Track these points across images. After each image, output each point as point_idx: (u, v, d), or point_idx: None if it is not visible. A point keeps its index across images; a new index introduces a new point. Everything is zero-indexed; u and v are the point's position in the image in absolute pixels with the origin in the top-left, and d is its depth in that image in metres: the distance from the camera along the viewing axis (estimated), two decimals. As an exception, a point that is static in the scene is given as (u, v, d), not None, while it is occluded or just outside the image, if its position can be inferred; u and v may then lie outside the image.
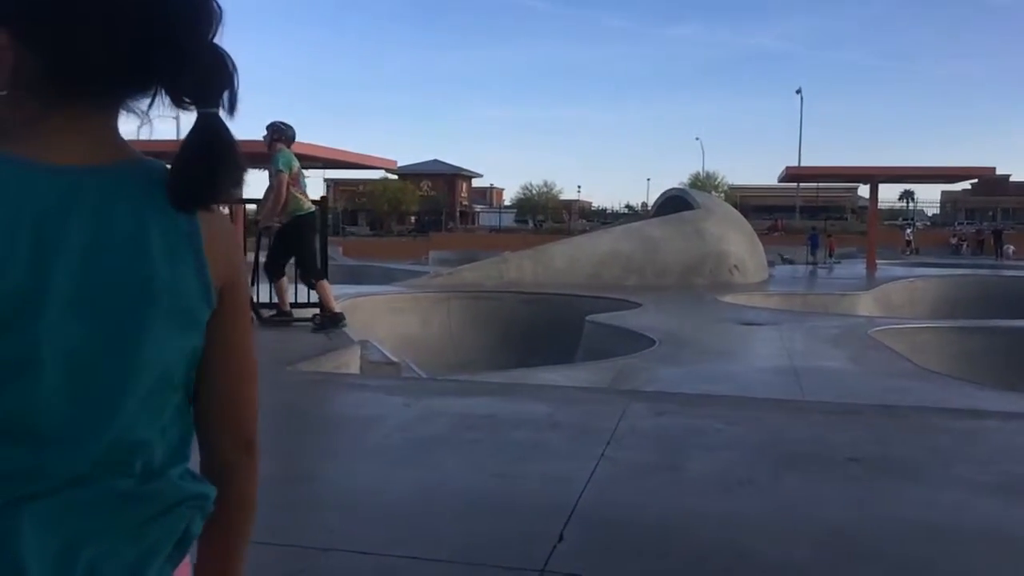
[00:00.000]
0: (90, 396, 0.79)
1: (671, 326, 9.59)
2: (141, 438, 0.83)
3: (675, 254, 16.44)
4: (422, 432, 4.31)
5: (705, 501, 3.33)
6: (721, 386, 6.21)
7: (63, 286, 0.77)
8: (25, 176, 0.78)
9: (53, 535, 0.77)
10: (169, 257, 0.83)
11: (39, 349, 0.77)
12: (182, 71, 0.81)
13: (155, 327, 0.82)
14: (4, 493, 0.76)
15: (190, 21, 0.81)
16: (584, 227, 46.61)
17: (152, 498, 0.84)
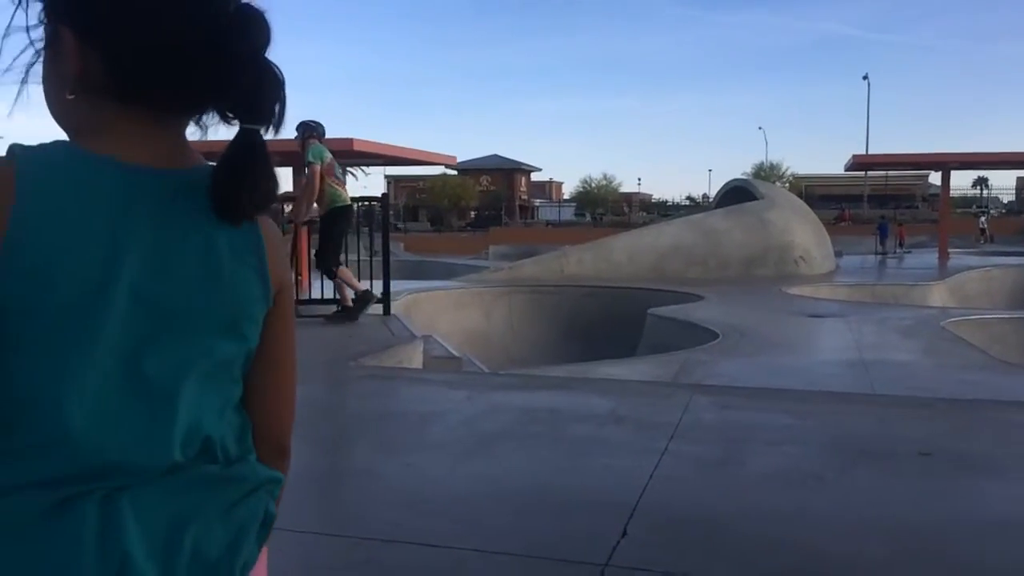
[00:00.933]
0: (155, 390, 0.82)
1: (735, 319, 9.46)
2: (212, 428, 0.87)
3: (738, 246, 16.21)
4: (485, 426, 4.33)
5: (771, 497, 3.28)
6: (787, 380, 6.10)
7: (132, 281, 0.80)
8: (100, 172, 0.81)
9: (157, 520, 0.82)
10: (233, 258, 0.87)
11: (104, 342, 0.80)
12: (233, 87, 0.83)
13: (218, 324, 0.86)
14: (102, 486, 0.80)
15: (245, 36, 0.83)
16: (644, 220, 46.22)
17: (238, 481, 0.89)
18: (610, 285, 13.67)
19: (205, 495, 0.86)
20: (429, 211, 63.35)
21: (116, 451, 0.81)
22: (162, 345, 0.83)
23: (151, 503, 0.82)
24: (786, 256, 16.47)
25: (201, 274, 0.85)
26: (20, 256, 0.77)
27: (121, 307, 0.80)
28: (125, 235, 0.80)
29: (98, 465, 0.80)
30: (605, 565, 2.58)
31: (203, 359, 0.85)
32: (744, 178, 26.37)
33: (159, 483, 0.82)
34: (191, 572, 0.83)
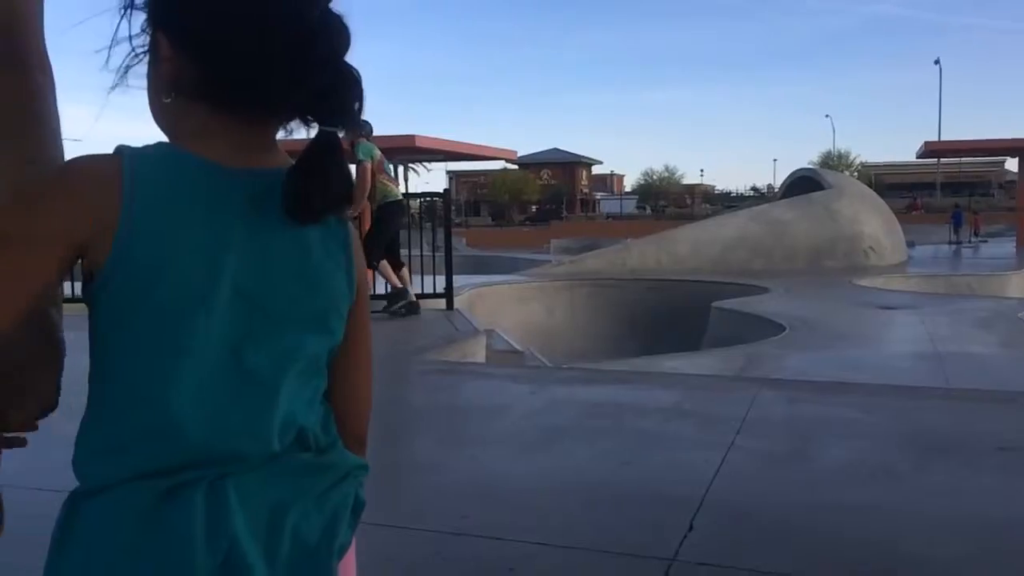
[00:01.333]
0: (256, 382, 0.87)
1: (802, 311, 9.28)
2: (304, 419, 0.91)
3: (805, 237, 15.90)
4: (549, 420, 4.34)
5: (841, 492, 3.22)
6: (857, 373, 5.97)
7: (233, 278, 0.85)
8: (197, 172, 0.85)
9: (259, 506, 0.86)
10: (323, 254, 0.91)
11: (209, 337, 0.84)
12: (313, 89, 0.86)
13: (310, 319, 0.91)
14: (207, 474, 0.84)
15: (327, 40, 0.86)
16: (707, 212, 45.62)
17: (329, 468, 0.93)
18: (673, 278, 13.55)
19: (301, 482, 0.90)
20: (490, 206, 63.61)
21: (221, 441, 0.85)
22: (261, 339, 0.87)
23: (253, 489, 0.86)
24: (855, 247, 16.10)
25: (294, 270, 0.89)
26: (129, 253, 0.82)
27: (224, 303, 0.84)
28: (224, 233, 0.85)
29: (204, 455, 0.84)
30: (672, 560, 2.57)
31: (297, 353, 0.89)
32: (811, 167, 25.83)
33: (259, 471, 0.87)
34: (292, 555, 0.88)
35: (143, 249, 0.82)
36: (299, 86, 0.85)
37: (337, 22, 0.87)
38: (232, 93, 0.86)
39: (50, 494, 1.51)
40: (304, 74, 0.84)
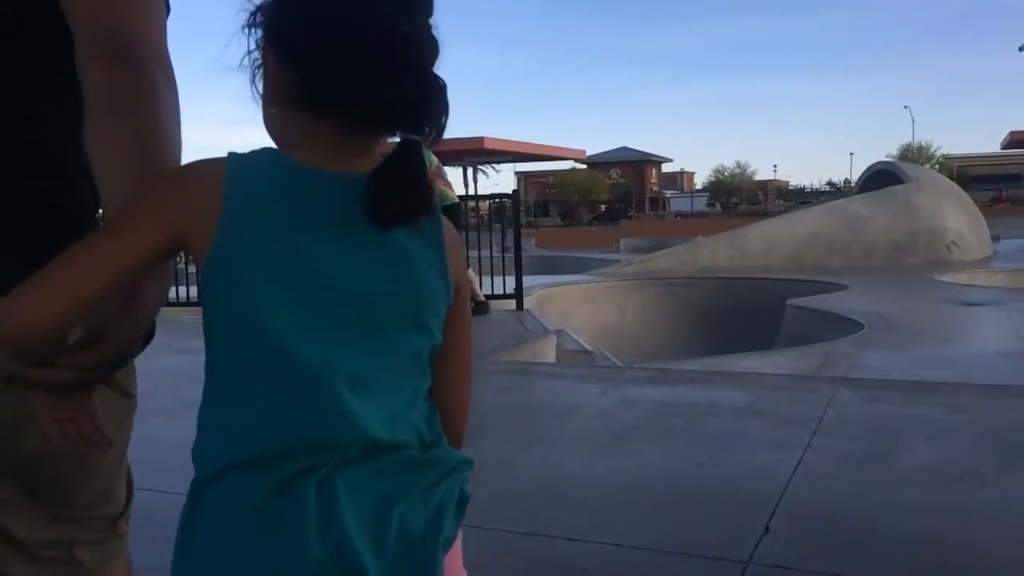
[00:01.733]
0: (352, 377, 0.91)
1: (881, 308, 9.03)
2: (407, 415, 0.96)
3: (884, 232, 15.47)
4: (620, 420, 4.32)
5: (923, 495, 3.12)
6: (940, 372, 5.78)
7: (327, 277, 0.90)
8: (294, 175, 0.91)
9: (367, 499, 0.90)
10: (415, 255, 0.95)
11: (304, 333, 0.89)
12: (401, 99, 0.90)
13: (405, 318, 0.95)
14: (316, 464, 0.89)
15: (419, 51, 0.91)
16: (780, 208, 44.75)
17: (435, 464, 0.97)
18: (746, 276, 13.33)
19: (407, 476, 0.94)
20: (559, 206, 63.55)
21: (313, 429, 0.90)
22: (356, 336, 0.92)
23: (361, 483, 0.90)
24: (937, 241, 15.59)
25: (387, 270, 0.93)
26: (224, 248, 0.88)
27: (314, 299, 0.89)
28: (314, 234, 0.90)
29: (301, 443, 0.89)
30: (747, 563, 2.54)
31: (393, 350, 0.94)
32: (889, 160, 25.12)
33: (366, 465, 0.91)
34: (398, 547, 0.91)
35: (236, 244, 0.88)
36: (387, 93, 0.89)
37: (427, 34, 0.91)
38: (327, 102, 0.91)
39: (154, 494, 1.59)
40: (392, 82, 0.89)
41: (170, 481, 2.61)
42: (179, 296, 9.25)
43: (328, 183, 0.91)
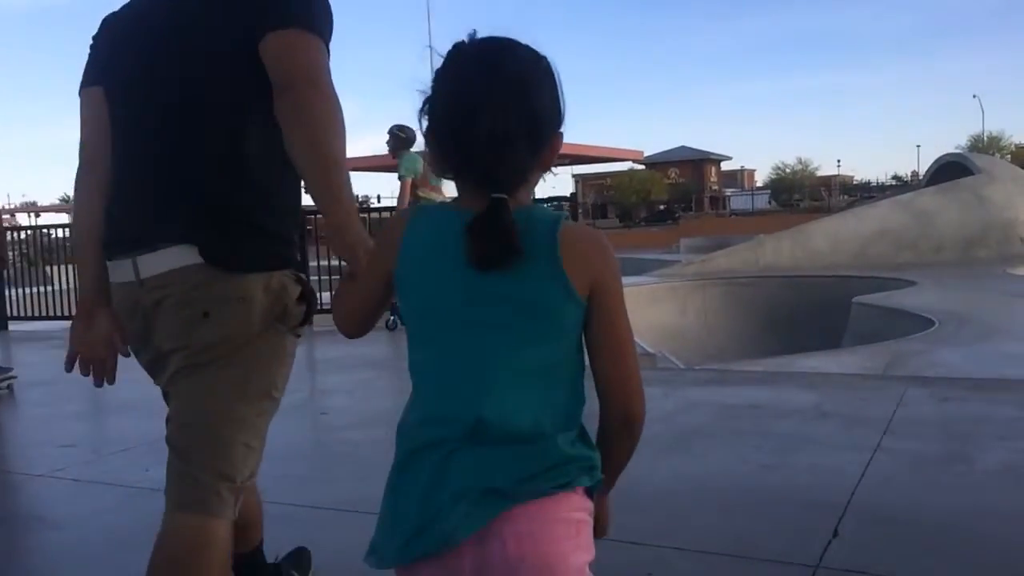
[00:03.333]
0: (468, 381, 1.15)
1: (952, 305, 8.77)
2: (515, 412, 1.13)
3: (953, 226, 15.03)
4: (683, 423, 4.28)
5: (1000, 497, 3.03)
6: (1015, 369, 5.58)
7: (463, 289, 1.15)
8: (443, 218, 1.20)
9: (471, 477, 1.12)
10: (533, 272, 1.13)
11: (445, 333, 1.18)
12: (481, 164, 1.16)
13: (521, 332, 1.15)
14: (439, 440, 1.15)
15: (489, 120, 1.14)
16: (843, 203, 43.80)
17: (537, 456, 1.13)
18: (810, 274, 13.08)
19: (506, 464, 1.12)
20: (617, 207, 63.14)
21: (446, 410, 1.16)
22: (479, 344, 1.15)
23: (467, 465, 1.12)
24: (1010, 235, 15.08)
25: (504, 292, 1.14)
26: (398, 276, 1.22)
27: (453, 314, 1.17)
28: (456, 263, 1.14)
29: (444, 390, 1.17)
30: (817, 566, 2.49)
31: (505, 355, 1.15)
32: (958, 152, 24.40)
33: (473, 450, 1.13)
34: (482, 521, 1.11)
35: (404, 272, 1.21)
36: (467, 161, 1.17)
37: (498, 103, 1.13)
38: (451, 169, 1.20)
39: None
40: (468, 152, 1.16)
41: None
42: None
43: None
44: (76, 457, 4.14)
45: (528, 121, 1.15)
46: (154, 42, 1.76)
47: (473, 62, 1.17)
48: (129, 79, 1.77)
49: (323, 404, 5.33)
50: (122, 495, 3.48)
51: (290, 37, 1.64)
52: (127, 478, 3.68)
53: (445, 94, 1.17)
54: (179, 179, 1.68)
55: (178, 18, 1.75)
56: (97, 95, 1.82)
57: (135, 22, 1.83)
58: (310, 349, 8.29)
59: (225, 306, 1.66)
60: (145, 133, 1.74)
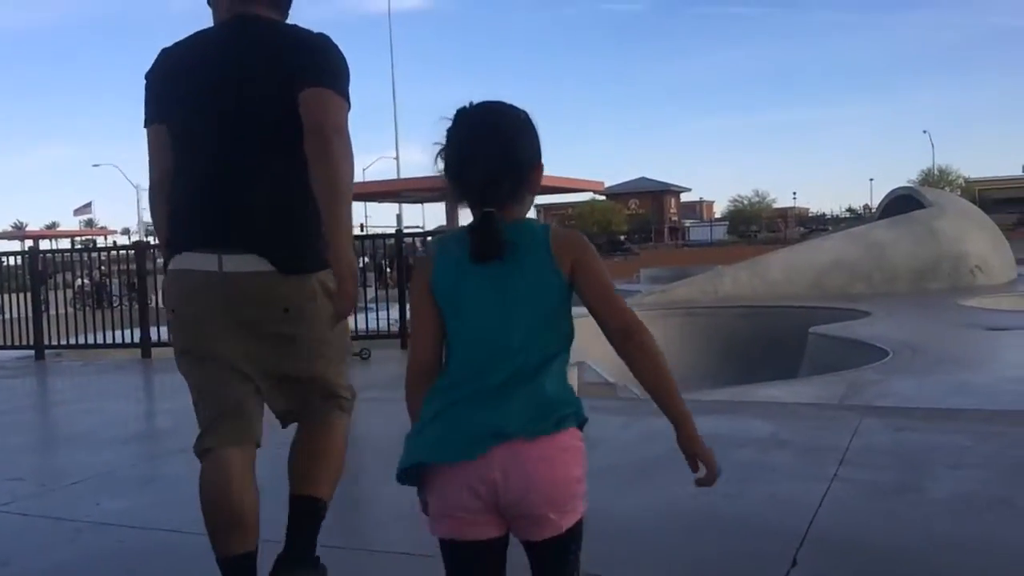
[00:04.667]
0: (504, 339, 1.54)
1: (906, 335, 8.94)
2: (534, 360, 1.56)
3: (906, 257, 15.36)
4: (644, 453, 4.28)
5: (954, 525, 3.07)
6: (967, 399, 5.70)
7: (471, 295, 1.56)
8: (459, 237, 1.59)
9: (493, 415, 1.51)
10: (531, 265, 1.56)
11: (462, 326, 1.58)
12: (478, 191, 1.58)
13: (528, 297, 1.56)
14: (468, 393, 1.53)
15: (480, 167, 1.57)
16: (799, 235, 44.51)
17: (550, 379, 1.58)
18: (768, 304, 13.25)
19: (520, 405, 1.52)
20: (578, 237, 63.41)
21: (474, 372, 1.55)
22: (491, 330, 1.55)
23: (486, 405, 1.52)
24: (960, 266, 15.44)
25: (507, 288, 1.56)
26: (433, 289, 1.60)
27: (467, 310, 1.57)
28: (468, 269, 1.56)
29: (469, 363, 1.56)
30: (775, 596, 2.50)
31: (523, 318, 1.55)
32: (909, 186, 24.99)
33: (492, 394, 1.52)
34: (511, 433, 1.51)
35: (436, 285, 1.60)
36: (468, 193, 1.59)
37: (489, 155, 1.56)
38: (465, 199, 1.60)
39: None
40: (469, 188, 1.58)
41: (196, 519, 2.61)
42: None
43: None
44: (23, 491, 4.03)
45: (512, 165, 1.58)
46: (212, 80, 2.23)
47: (471, 125, 1.59)
48: (192, 111, 2.26)
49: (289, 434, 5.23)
50: (70, 530, 3.39)
51: (323, 95, 2.17)
52: (76, 512, 3.58)
53: (453, 147, 1.59)
54: (249, 196, 2.20)
55: (233, 61, 2.24)
56: (161, 131, 2.31)
57: (192, 59, 2.29)
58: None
59: (299, 300, 2.24)
60: (212, 156, 2.22)
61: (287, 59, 2.20)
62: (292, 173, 2.17)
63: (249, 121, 2.20)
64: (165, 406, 7.15)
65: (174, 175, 2.28)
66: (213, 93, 2.22)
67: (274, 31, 2.29)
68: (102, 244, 32.42)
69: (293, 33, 2.29)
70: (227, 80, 2.21)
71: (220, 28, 2.36)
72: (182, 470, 4.67)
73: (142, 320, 9.70)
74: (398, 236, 10.44)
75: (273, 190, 2.20)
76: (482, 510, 1.51)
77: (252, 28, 2.27)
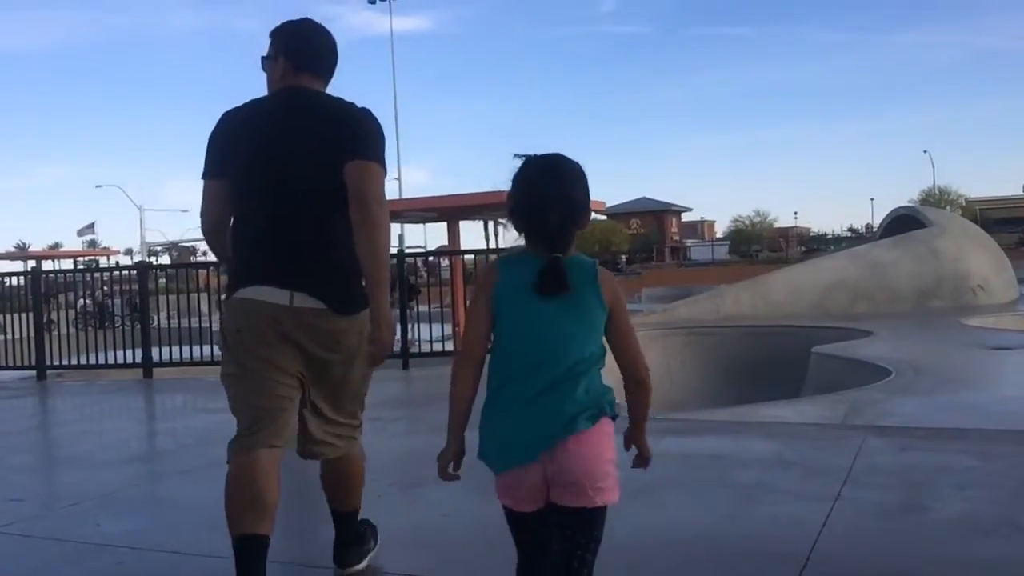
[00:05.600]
0: (558, 351, 1.88)
1: (908, 354, 8.92)
2: (585, 352, 1.91)
3: (908, 277, 15.35)
4: (646, 473, 4.25)
5: (959, 546, 3.05)
6: (971, 418, 5.67)
7: (527, 314, 1.91)
8: (524, 261, 1.93)
9: (544, 422, 1.88)
10: (583, 294, 1.91)
11: (514, 336, 1.93)
12: (550, 235, 1.92)
13: (579, 318, 1.91)
14: (527, 388, 1.89)
15: (557, 212, 1.91)
16: (799, 254, 44.51)
17: (590, 381, 1.92)
18: (770, 324, 13.24)
19: (571, 398, 1.89)
20: (580, 257, 63.50)
21: (527, 369, 1.89)
22: (554, 324, 1.90)
23: (551, 400, 1.88)
24: (962, 286, 15.43)
25: (563, 309, 1.90)
26: (495, 304, 1.94)
27: (526, 326, 1.91)
28: (528, 291, 1.89)
29: (527, 366, 1.89)
30: (779, 618, 2.48)
31: (576, 334, 1.90)
32: (910, 205, 25.02)
33: (551, 390, 1.88)
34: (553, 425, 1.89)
35: (498, 298, 1.93)
36: (538, 233, 1.92)
37: (557, 199, 1.91)
38: (520, 231, 1.97)
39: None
40: (540, 228, 1.91)
41: (195, 541, 2.60)
42: (203, 355, 9.35)
43: (538, 266, 1.91)
44: (24, 512, 4.01)
45: (573, 209, 1.91)
46: (267, 146, 2.61)
47: (539, 172, 1.94)
48: (250, 171, 2.62)
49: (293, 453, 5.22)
50: (71, 551, 3.37)
51: (367, 168, 2.55)
52: (77, 533, 3.56)
53: (526, 186, 1.93)
54: (313, 249, 2.58)
55: (290, 128, 2.61)
56: (218, 185, 2.68)
57: (250, 125, 2.66)
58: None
59: (347, 336, 2.63)
60: (269, 212, 2.61)
61: (331, 130, 2.58)
62: (337, 228, 2.56)
63: (298, 183, 2.58)
64: (166, 426, 7.14)
65: (237, 222, 2.69)
66: (267, 158, 2.60)
67: (320, 103, 2.67)
68: (105, 264, 32.45)
69: (336, 105, 2.66)
70: (279, 146, 2.60)
71: (274, 98, 2.73)
72: (182, 491, 4.66)
73: (144, 340, 9.72)
74: (400, 256, 10.46)
75: (320, 243, 2.59)
76: (534, 489, 1.90)
77: (301, 99, 2.67)
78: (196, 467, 4.97)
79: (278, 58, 2.73)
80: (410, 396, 7.59)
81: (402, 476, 4.21)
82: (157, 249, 52.50)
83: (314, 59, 2.74)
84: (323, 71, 2.75)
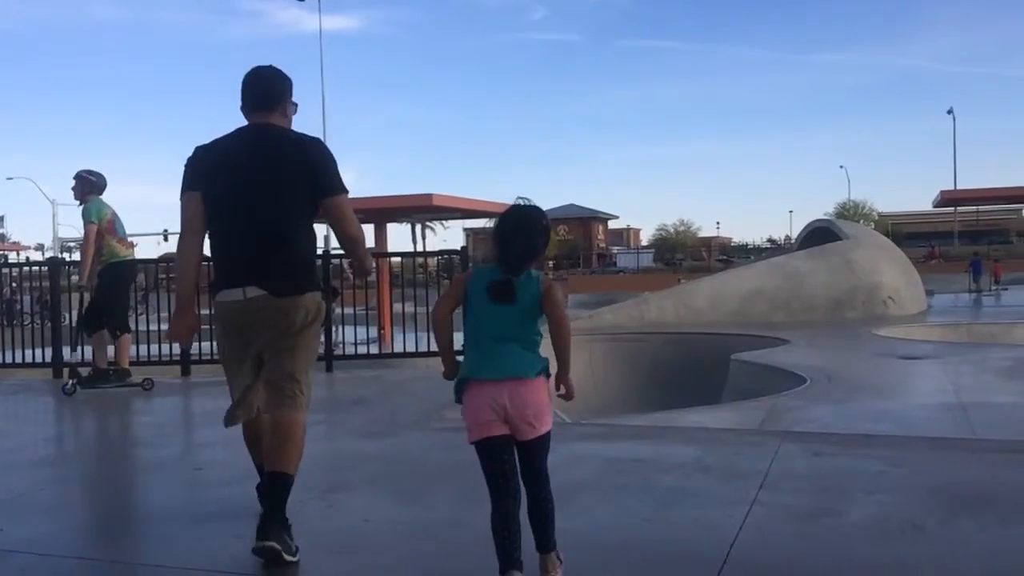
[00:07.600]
0: (504, 333, 2.65)
1: (823, 362, 9.20)
2: (524, 336, 2.65)
3: (823, 287, 15.84)
4: (567, 477, 4.27)
5: (868, 548, 3.15)
6: (881, 425, 5.88)
7: (483, 307, 2.67)
8: (484, 271, 2.71)
9: (506, 362, 2.64)
10: (529, 298, 2.65)
11: (479, 323, 2.69)
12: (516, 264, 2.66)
13: (519, 314, 2.65)
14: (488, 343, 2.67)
15: (519, 247, 2.66)
16: (720, 264, 45.51)
17: (531, 352, 2.67)
18: (692, 331, 13.48)
19: (516, 354, 2.65)
20: (507, 262, 63.71)
21: (486, 339, 2.66)
22: (497, 327, 2.65)
23: (503, 351, 2.65)
24: (874, 297, 16.00)
25: (521, 295, 2.65)
26: (468, 288, 2.73)
27: (482, 314, 2.67)
28: (485, 293, 2.65)
29: (485, 337, 2.66)
30: (696, 620, 2.51)
31: (520, 316, 2.65)
32: (827, 218, 25.82)
33: (502, 345, 2.64)
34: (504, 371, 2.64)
35: (468, 293, 2.72)
36: (505, 258, 2.65)
37: (523, 236, 2.66)
38: (494, 254, 2.69)
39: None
40: (505, 258, 2.65)
41: (100, 547, 2.50)
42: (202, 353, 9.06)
43: (495, 276, 2.66)
44: (-83, 517, 3.80)
45: (531, 251, 2.65)
46: (242, 168, 3.30)
47: (518, 217, 2.69)
48: (224, 188, 3.31)
49: (198, 459, 5.09)
50: (-32, 558, 3.20)
51: (340, 200, 3.38)
52: (-25, 540, 3.39)
53: (503, 229, 2.67)
54: (267, 250, 3.28)
55: (252, 157, 3.32)
56: (196, 197, 3.34)
57: (223, 154, 3.36)
58: (185, 401, 7.95)
59: (293, 313, 3.31)
60: (240, 221, 3.29)
61: (296, 156, 3.32)
62: (289, 232, 3.33)
63: (265, 199, 3.29)
64: (72, 428, 6.88)
65: (212, 237, 3.37)
66: (237, 180, 3.29)
67: (287, 138, 3.38)
68: (14, 260, 31.12)
69: (298, 139, 3.37)
70: (247, 169, 3.30)
71: (246, 133, 3.40)
72: (88, 496, 4.49)
73: (54, 339, 9.33)
74: (325, 257, 10.30)
75: (273, 247, 3.29)
76: (495, 418, 2.60)
77: (267, 134, 3.37)
78: (102, 471, 4.80)
79: (242, 106, 3.49)
80: (333, 400, 7.47)
81: (321, 481, 4.14)
82: (71, 245, 50.69)
83: (261, 99, 3.43)
84: (271, 105, 3.43)
